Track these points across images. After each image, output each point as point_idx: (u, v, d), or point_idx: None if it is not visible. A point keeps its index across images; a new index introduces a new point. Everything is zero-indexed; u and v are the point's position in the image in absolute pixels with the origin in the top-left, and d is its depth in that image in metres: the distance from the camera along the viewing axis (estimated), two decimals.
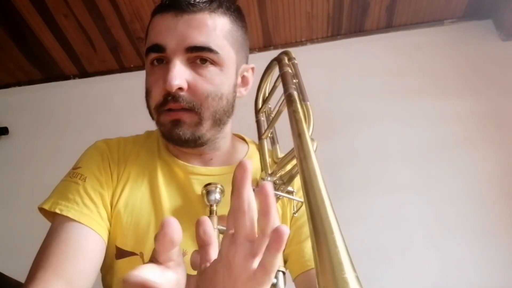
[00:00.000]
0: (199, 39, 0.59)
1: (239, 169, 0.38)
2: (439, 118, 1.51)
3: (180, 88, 0.59)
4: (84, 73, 1.87)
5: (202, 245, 0.44)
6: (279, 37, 1.72)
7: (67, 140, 1.70)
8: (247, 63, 0.70)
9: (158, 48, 0.60)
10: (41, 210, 0.62)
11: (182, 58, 0.60)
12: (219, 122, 0.64)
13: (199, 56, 0.60)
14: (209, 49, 0.60)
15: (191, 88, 0.60)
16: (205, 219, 0.44)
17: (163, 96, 0.60)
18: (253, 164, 0.69)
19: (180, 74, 0.58)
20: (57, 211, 0.59)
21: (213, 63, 0.61)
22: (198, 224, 0.44)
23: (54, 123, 1.79)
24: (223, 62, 0.62)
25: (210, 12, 0.61)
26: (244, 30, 0.68)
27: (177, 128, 0.61)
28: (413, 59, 1.63)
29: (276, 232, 0.34)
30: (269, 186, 0.36)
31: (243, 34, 0.67)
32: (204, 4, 0.61)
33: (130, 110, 1.70)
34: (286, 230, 0.34)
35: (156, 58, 0.62)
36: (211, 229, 0.44)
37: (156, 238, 0.37)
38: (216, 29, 0.61)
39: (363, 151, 1.49)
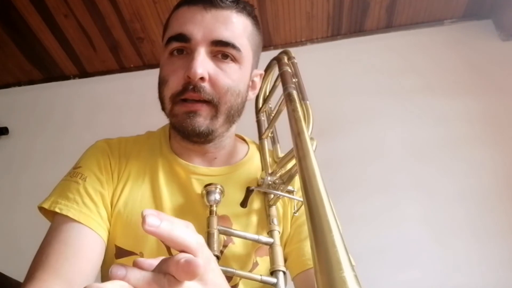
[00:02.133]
0: (225, 34, 0.60)
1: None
2: (439, 118, 1.51)
3: (202, 79, 0.59)
4: (84, 73, 1.87)
5: None
6: (279, 37, 1.73)
7: (67, 140, 1.70)
8: (257, 68, 0.72)
9: (182, 37, 0.61)
10: (41, 209, 0.62)
11: (206, 50, 0.60)
12: (231, 118, 0.65)
13: (222, 51, 0.61)
14: (233, 46, 0.61)
15: (211, 80, 0.60)
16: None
17: (182, 85, 0.60)
18: (253, 164, 0.70)
19: (204, 64, 0.59)
20: (57, 210, 0.59)
21: (234, 60, 0.62)
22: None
23: (54, 123, 1.79)
24: (243, 60, 0.63)
25: (237, 11, 0.63)
26: (261, 36, 0.70)
27: (192, 119, 0.60)
28: (413, 59, 1.63)
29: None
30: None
31: (260, 40, 0.69)
32: (231, 3, 0.62)
33: (130, 110, 1.70)
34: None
35: (177, 48, 0.62)
36: None
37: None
38: (240, 28, 0.63)
39: (363, 150, 1.49)
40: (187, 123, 0.60)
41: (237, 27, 0.62)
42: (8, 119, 1.81)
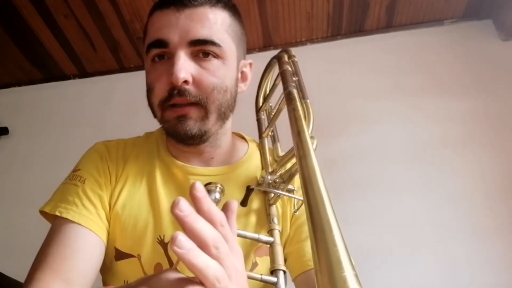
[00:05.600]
0: (202, 32, 0.59)
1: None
2: (439, 118, 1.51)
3: (186, 82, 0.58)
4: (84, 73, 1.87)
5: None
6: (279, 37, 1.72)
7: (67, 140, 1.70)
8: (245, 58, 0.70)
9: (160, 43, 0.60)
10: (42, 213, 0.62)
11: (186, 51, 0.59)
12: (223, 116, 0.64)
13: (202, 49, 0.60)
14: (212, 42, 0.60)
15: (196, 81, 0.59)
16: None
17: (167, 91, 0.59)
18: (252, 163, 0.70)
19: (185, 67, 0.58)
20: (57, 213, 0.59)
21: (216, 56, 0.61)
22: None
23: (54, 123, 1.79)
24: (225, 55, 0.62)
25: (211, 6, 0.61)
26: (242, 25, 0.68)
27: (183, 123, 0.60)
28: (413, 59, 1.63)
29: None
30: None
31: (241, 29, 0.67)
32: None
33: (130, 110, 1.70)
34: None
35: (157, 54, 0.61)
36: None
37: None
38: (217, 22, 0.61)
39: (363, 150, 1.49)
40: (179, 128, 0.60)
41: (213, 22, 0.61)
42: (8, 119, 1.81)
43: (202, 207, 0.38)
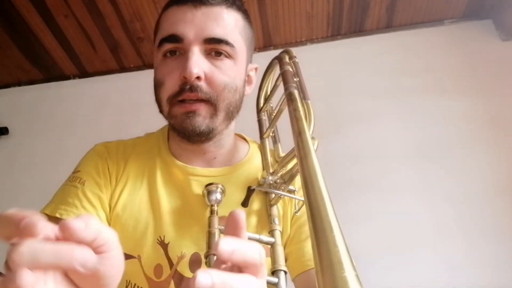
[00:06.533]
0: (217, 31, 0.60)
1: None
2: (439, 118, 1.51)
3: (198, 78, 0.58)
4: (84, 73, 1.87)
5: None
6: (279, 37, 1.73)
7: (67, 140, 1.70)
8: (251, 62, 0.71)
9: (174, 38, 0.60)
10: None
11: (200, 48, 0.59)
12: (230, 115, 0.64)
13: (216, 48, 0.60)
14: (226, 42, 0.60)
15: (207, 79, 0.59)
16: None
17: (179, 86, 0.59)
18: (253, 164, 0.70)
19: (199, 64, 0.58)
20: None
21: (228, 56, 0.61)
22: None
23: (54, 123, 1.79)
24: (237, 55, 0.62)
25: (227, 6, 0.62)
26: (252, 30, 0.69)
27: (192, 119, 0.60)
28: (413, 59, 1.63)
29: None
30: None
31: (252, 33, 0.68)
32: None
33: (130, 110, 1.70)
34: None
35: (170, 50, 0.61)
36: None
37: None
38: (232, 23, 0.62)
39: (363, 150, 1.49)
40: (187, 124, 0.60)
41: (228, 23, 0.61)
42: (8, 119, 1.82)
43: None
